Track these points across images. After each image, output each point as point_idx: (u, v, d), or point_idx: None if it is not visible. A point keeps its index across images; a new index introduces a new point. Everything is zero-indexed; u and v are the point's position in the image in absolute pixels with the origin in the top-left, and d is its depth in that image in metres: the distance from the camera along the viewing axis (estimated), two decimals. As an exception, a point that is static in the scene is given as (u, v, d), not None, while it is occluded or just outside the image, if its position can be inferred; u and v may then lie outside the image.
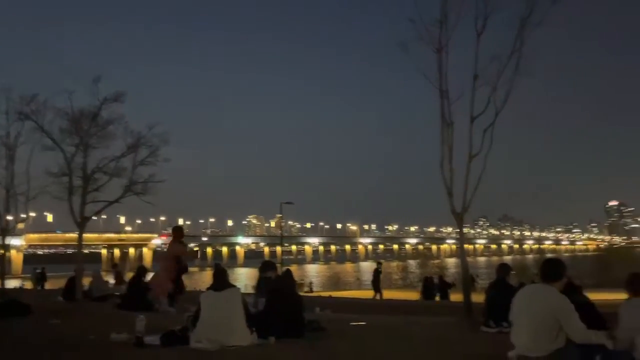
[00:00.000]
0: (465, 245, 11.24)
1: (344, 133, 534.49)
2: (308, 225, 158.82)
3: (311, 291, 39.84)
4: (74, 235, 16.49)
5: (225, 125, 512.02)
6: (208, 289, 5.96)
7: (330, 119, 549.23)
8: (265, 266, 6.99)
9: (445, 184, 9.54)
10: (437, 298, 21.15)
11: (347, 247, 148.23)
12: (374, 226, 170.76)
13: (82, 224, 12.78)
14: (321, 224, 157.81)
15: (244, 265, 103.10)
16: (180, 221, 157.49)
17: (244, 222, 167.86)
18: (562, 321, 4.15)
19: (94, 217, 14.63)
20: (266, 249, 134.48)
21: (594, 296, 8.20)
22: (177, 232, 10.10)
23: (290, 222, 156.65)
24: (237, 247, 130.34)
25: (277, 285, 6.58)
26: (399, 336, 6.99)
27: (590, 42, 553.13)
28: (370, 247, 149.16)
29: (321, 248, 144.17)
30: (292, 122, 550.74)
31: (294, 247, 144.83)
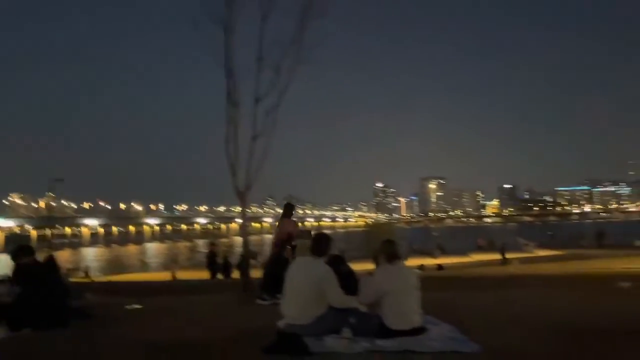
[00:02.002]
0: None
1: (130, 111, 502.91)
2: (86, 205, 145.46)
3: (87, 276, 37.03)
4: None
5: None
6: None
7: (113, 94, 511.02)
8: (19, 251, 6.10)
9: (229, 162, 9.63)
10: (221, 276, 21.46)
11: (131, 227, 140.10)
12: (161, 206, 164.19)
13: None
14: (102, 204, 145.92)
15: (5, 250, 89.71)
16: None
17: (4, 202, 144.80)
18: (324, 289, 4.56)
19: None
20: (34, 232, 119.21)
21: (359, 266, 9.23)
22: (288, 208, 8.77)
23: (64, 202, 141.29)
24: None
25: (35, 271, 5.85)
26: (173, 317, 6.84)
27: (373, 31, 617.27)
28: (157, 227, 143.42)
29: (101, 230, 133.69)
30: (74, 92, 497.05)
31: (68, 230, 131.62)
